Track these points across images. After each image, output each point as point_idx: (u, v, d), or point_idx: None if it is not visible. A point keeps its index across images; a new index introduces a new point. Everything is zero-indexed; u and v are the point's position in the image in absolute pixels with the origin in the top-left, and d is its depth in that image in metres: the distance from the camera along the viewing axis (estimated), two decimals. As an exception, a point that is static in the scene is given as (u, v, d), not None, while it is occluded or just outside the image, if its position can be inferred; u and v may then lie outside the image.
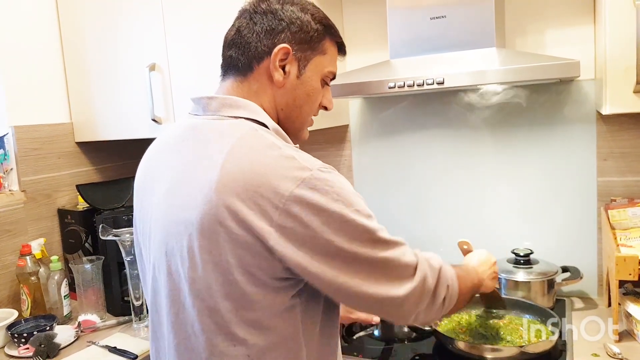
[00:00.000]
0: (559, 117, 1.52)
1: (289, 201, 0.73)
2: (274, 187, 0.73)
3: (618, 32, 1.16)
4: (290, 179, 0.74)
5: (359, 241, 0.77)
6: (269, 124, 0.84)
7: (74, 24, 1.83)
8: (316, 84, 0.90)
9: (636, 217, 1.36)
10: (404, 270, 0.81)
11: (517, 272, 1.46)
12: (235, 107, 0.85)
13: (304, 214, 0.74)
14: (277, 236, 0.74)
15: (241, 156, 0.77)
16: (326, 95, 0.94)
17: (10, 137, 1.70)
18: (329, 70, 0.91)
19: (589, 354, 1.19)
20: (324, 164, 0.79)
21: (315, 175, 0.75)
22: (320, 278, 0.76)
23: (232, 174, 0.75)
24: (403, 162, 1.73)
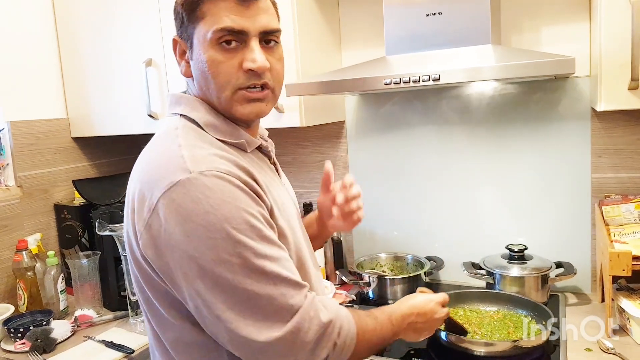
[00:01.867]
0: (554, 114, 1.52)
1: (160, 203, 0.70)
2: (152, 187, 0.71)
3: (613, 30, 1.16)
4: (165, 179, 0.70)
5: (228, 264, 0.68)
6: (200, 118, 0.81)
7: (70, 19, 1.82)
8: (205, 54, 0.78)
9: (630, 214, 1.37)
10: (277, 312, 0.70)
11: (511, 267, 1.47)
12: (177, 103, 0.85)
13: (169, 220, 0.69)
14: (146, 238, 0.72)
15: (144, 154, 0.80)
16: (245, 56, 0.79)
17: (6, 133, 1.70)
18: (215, 29, 0.77)
19: (582, 349, 1.20)
20: (217, 168, 0.71)
21: (192, 179, 0.69)
22: (182, 293, 0.71)
23: (134, 172, 0.78)
24: (398, 158, 1.74)
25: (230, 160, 0.75)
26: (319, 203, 1.12)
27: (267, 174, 0.86)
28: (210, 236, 0.68)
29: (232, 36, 0.78)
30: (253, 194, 0.74)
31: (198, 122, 0.81)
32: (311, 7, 1.56)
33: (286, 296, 0.71)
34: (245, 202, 0.71)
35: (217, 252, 0.68)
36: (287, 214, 0.84)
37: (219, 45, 0.78)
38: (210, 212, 0.68)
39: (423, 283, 1.60)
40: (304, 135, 1.85)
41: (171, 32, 1.70)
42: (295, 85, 1.39)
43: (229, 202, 0.70)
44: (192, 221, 0.68)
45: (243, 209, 0.70)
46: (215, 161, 0.73)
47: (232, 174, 0.72)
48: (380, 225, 1.81)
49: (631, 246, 1.24)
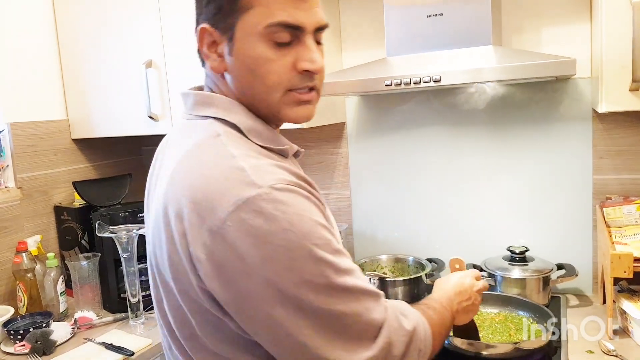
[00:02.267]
0: (555, 115, 1.52)
1: (226, 225, 0.60)
2: (212, 206, 0.61)
3: (614, 31, 1.16)
4: (230, 197, 0.60)
5: (311, 285, 0.61)
6: (243, 123, 0.71)
7: (70, 21, 1.82)
8: (255, 50, 0.69)
9: (631, 215, 1.37)
10: (364, 330, 0.64)
11: (512, 269, 1.47)
12: (207, 104, 0.74)
13: (241, 243, 0.59)
14: (209, 267, 0.61)
15: (187, 168, 0.67)
16: (301, 55, 0.70)
17: (6, 134, 1.69)
18: (269, 23, 0.68)
19: (584, 351, 1.20)
20: (283, 179, 0.63)
21: (263, 195, 0.60)
22: (254, 324, 0.63)
23: (176, 188, 0.66)
24: (399, 160, 1.74)
25: (289, 171, 0.67)
26: None
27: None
28: (291, 256, 0.60)
29: (287, 32, 0.69)
30: (320, 204, 0.68)
31: (239, 127, 0.71)
32: (312, 9, 1.56)
33: (370, 310, 0.65)
34: (317, 214, 0.65)
35: (300, 273, 0.61)
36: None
37: (270, 42, 0.69)
38: (288, 229, 0.60)
39: (424, 285, 1.59)
40: (304, 137, 1.85)
41: (171, 33, 1.70)
42: (296, 86, 1.39)
43: (305, 216, 0.62)
44: (269, 242, 0.59)
45: (318, 223, 0.64)
46: (278, 172, 0.65)
47: (300, 185, 0.65)
48: (381, 226, 1.80)
49: (632, 248, 1.23)
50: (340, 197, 1.85)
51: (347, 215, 1.84)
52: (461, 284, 0.97)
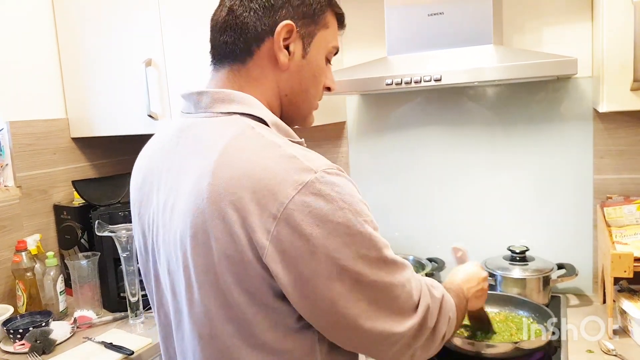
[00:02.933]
0: (556, 115, 1.52)
1: (289, 209, 0.62)
2: (273, 193, 0.63)
3: (615, 30, 1.16)
4: (290, 182, 0.63)
5: (366, 259, 0.67)
6: (268, 118, 0.74)
7: (69, 19, 1.82)
8: (321, 62, 0.81)
9: (632, 215, 1.37)
10: (408, 300, 0.71)
11: (512, 268, 1.47)
12: (228, 101, 0.74)
13: (305, 225, 0.63)
14: (272, 251, 0.63)
15: (235, 159, 0.67)
16: (329, 75, 0.85)
17: (5, 133, 1.69)
18: (333, 45, 0.82)
19: (584, 351, 1.20)
20: (330, 164, 0.69)
21: (320, 178, 0.65)
22: (312, 304, 0.66)
23: (225, 180, 0.65)
24: (400, 159, 1.73)
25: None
26: None
27: None
28: (349, 232, 0.65)
29: (334, 55, 0.84)
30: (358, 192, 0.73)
31: (266, 121, 0.73)
32: (312, 7, 1.55)
33: (410, 281, 0.72)
34: (360, 195, 0.71)
35: (357, 248, 0.66)
36: None
37: (326, 59, 0.83)
38: (345, 208, 0.65)
39: (424, 284, 1.59)
40: (304, 135, 1.83)
41: (171, 31, 1.69)
42: (296, 85, 1.39)
43: (355, 196, 0.68)
44: (330, 221, 0.64)
45: (363, 202, 0.70)
46: (323, 158, 0.71)
47: (341, 169, 0.71)
48: (381, 226, 1.77)
49: (633, 248, 1.23)
50: (340, 197, 1.84)
51: (347, 214, 1.84)
52: (469, 272, 1.03)
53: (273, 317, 0.68)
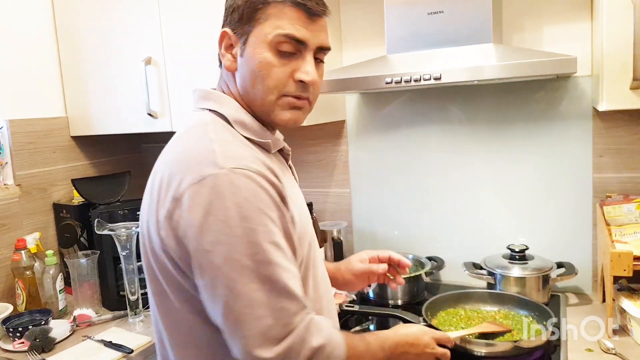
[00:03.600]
0: (556, 113, 1.52)
1: (184, 194, 0.70)
2: (180, 177, 0.72)
3: (615, 29, 1.16)
4: (195, 172, 0.71)
5: (237, 265, 0.68)
6: (230, 116, 0.82)
7: (69, 17, 1.82)
8: (262, 55, 0.80)
9: (631, 214, 1.37)
10: (271, 328, 0.69)
11: (512, 267, 1.47)
12: (205, 98, 0.86)
13: (191, 211, 0.69)
14: (166, 227, 0.72)
15: (173, 146, 0.81)
16: (299, 67, 0.82)
17: (5, 131, 1.69)
18: (277, 33, 0.79)
19: (583, 349, 1.20)
20: (245, 165, 0.72)
21: (221, 175, 0.70)
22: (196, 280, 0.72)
23: (161, 161, 0.80)
24: (399, 158, 1.73)
25: (259, 160, 0.76)
26: (354, 268, 1.16)
27: (288, 177, 0.88)
28: (227, 232, 0.68)
29: (291, 44, 0.80)
30: (278, 198, 0.75)
31: (227, 118, 0.82)
32: (312, 6, 1.55)
33: (285, 311, 0.70)
34: (268, 205, 0.72)
35: (230, 250, 0.68)
36: (305, 218, 0.86)
37: (276, 50, 0.80)
38: (231, 208, 0.68)
39: (424, 283, 1.59)
40: (304, 135, 1.84)
41: (171, 30, 1.69)
42: (296, 84, 1.39)
43: (252, 202, 0.70)
44: (212, 215, 0.68)
45: (264, 213, 0.71)
46: (246, 159, 0.73)
47: (261, 174, 0.73)
48: (380, 225, 1.80)
49: (632, 246, 1.23)
50: (340, 195, 1.85)
51: (347, 213, 1.84)
52: (416, 338, 0.96)
53: (179, 286, 0.75)
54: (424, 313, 1.30)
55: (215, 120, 0.82)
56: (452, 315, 1.36)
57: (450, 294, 1.43)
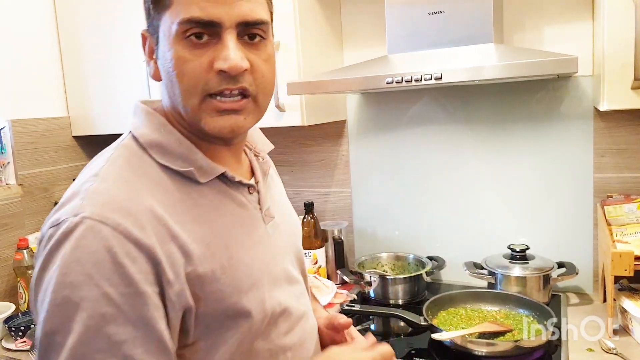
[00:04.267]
0: (557, 113, 1.52)
1: (42, 238, 0.61)
2: (49, 217, 0.62)
3: (616, 29, 1.16)
4: (56, 214, 0.60)
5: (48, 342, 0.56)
6: (144, 137, 0.67)
7: (70, 18, 1.82)
8: (171, 51, 0.64)
9: (632, 214, 1.37)
10: None
11: (513, 267, 1.47)
12: (133, 115, 0.71)
13: (36, 261, 0.60)
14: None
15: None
16: (217, 53, 0.63)
17: (7, 131, 1.69)
18: (181, 19, 0.62)
19: (584, 349, 1.20)
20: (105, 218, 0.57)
21: (70, 224, 0.57)
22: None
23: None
24: (400, 158, 1.73)
25: (140, 210, 0.59)
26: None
27: (223, 215, 0.69)
28: (47, 298, 0.55)
29: (201, 28, 0.63)
30: (130, 267, 0.56)
31: (141, 142, 0.67)
32: (313, 6, 1.56)
33: None
34: (107, 275, 0.55)
35: (45, 321, 0.56)
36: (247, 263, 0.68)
37: (186, 40, 0.63)
38: (60, 268, 0.55)
39: (424, 283, 1.59)
40: (305, 134, 1.85)
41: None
42: (297, 84, 1.39)
43: (85, 266, 0.55)
44: (46, 271, 0.57)
45: (96, 284, 0.55)
46: (116, 207, 0.58)
47: (123, 231, 0.57)
48: (381, 224, 1.80)
49: (633, 246, 1.23)
50: (341, 195, 1.85)
51: (348, 212, 1.84)
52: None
53: None
54: (424, 313, 1.30)
55: (126, 146, 0.67)
56: (452, 315, 1.36)
57: (451, 293, 1.43)
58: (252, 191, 0.75)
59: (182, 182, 0.66)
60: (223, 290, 0.64)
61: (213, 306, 0.64)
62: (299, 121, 1.50)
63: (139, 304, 0.57)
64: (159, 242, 0.59)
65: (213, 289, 0.63)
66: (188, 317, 0.62)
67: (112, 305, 0.55)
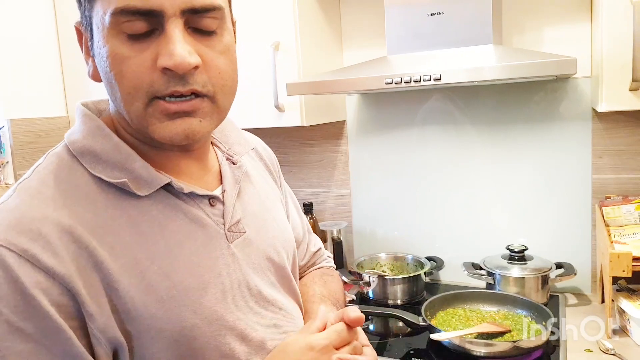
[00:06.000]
0: (555, 114, 1.52)
1: None
2: None
3: (614, 30, 1.16)
4: None
5: None
6: (75, 144, 0.60)
7: (70, 17, 1.82)
8: (107, 47, 0.55)
9: (630, 215, 1.37)
10: None
11: (511, 268, 1.47)
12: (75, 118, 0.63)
13: None
14: None
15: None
16: (160, 48, 0.54)
17: (6, 130, 1.69)
18: (113, 9, 0.53)
19: (582, 350, 1.20)
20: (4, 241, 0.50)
21: None
22: None
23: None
24: (399, 158, 1.74)
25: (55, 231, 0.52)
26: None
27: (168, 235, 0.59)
28: None
29: (141, 20, 0.53)
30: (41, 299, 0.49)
31: (72, 150, 0.59)
32: (312, 6, 1.56)
33: None
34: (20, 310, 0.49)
35: None
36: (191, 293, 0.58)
37: (123, 34, 0.54)
38: None
39: (423, 283, 1.59)
40: (304, 135, 1.85)
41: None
42: (296, 84, 1.39)
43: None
44: None
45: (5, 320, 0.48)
46: (24, 228, 0.51)
47: (31, 258, 0.49)
48: (380, 225, 1.81)
49: (631, 247, 1.24)
50: (340, 195, 1.85)
51: (347, 213, 1.85)
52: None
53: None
54: (423, 313, 1.30)
55: (57, 154, 0.60)
56: (451, 316, 1.36)
57: (450, 294, 1.43)
58: (215, 203, 0.64)
59: (118, 196, 0.57)
60: (161, 327, 0.55)
61: (151, 345, 0.55)
62: (299, 121, 1.50)
63: (61, 338, 0.50)
64: (77, 269, 0.51)
65: (148, 327, 0.55)
66: (121, 356, 0.54)
67: (29, 340, 0.49)
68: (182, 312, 0.57)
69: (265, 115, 1.49)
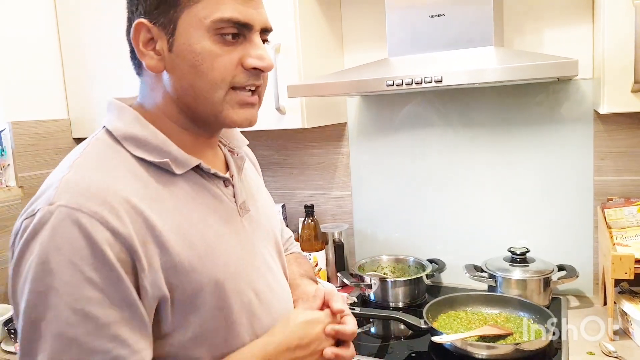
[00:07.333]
0: (557, 116, 1.52)
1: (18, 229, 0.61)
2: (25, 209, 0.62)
3: (616, 32, 1.16)
4: (32, 205, 0.61)
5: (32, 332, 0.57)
6: (119, 130, 0.68)
7: (71, 19, 1.82)
8: (200, 44, 0.66)
9: (632, 217, 1.37)
10: None
11: (513, 270, 1.47)
12: (107, 111, 0.73)
13: (14, 252, 0.60)
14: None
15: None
16: (248, 51, 0.69)
17: (7, 133, 1.70)
18: (217, 18, 0.66)
19: (584, 352, 1.20)
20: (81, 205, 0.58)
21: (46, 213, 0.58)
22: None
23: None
24: (401, 160, 1.74)
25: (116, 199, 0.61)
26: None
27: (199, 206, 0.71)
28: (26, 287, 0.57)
29: (235, 28, 0.67)
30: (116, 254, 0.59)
31: (115, 135, 0.68)
32: (313, 9, 1.56)
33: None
34: (88, 261, 0.57)
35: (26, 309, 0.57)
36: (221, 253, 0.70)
37: (218, 37, 0.67)
38: (38, 256, 0.57)
39: (425, 285, 1.59)
40: (305, 137, 1.85)
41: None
42: (297, 86, 1.39)
43: (64, 253, 0.56)
44: (23, 260, 0.58)
45: (79, 270, 0.57)
46: (91, 195, 0.59)
47: (99, 218, 0.58)
48: (381, 227, 1.80)
49: (633, 249, 1.24)
50: (341, 198, 1.85)
51: (348, 215, 1.84)
52: (305, 335, 0.75)
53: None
54: (425, 315, 1.30)
55: (100, 139, 0.69)
56: (453, 318, 1.36)
57: (451, 296, 1.43)
58: (228, 184, 0.77)
59: (158, 173, 0.68)
60: (200, 280, 0.66)
61: (191, 295, 0.65)
62: (300, 124, 1.50)
63: (122, 287, 0.59)
64: (135, 231, 0.61)
65: (190, 279, 0.65)
66: (163, 307, 0.64)
67: (96, 289, 0.57)
68: (216, 267, 0.68)
69: (266, 118, 1.49)
